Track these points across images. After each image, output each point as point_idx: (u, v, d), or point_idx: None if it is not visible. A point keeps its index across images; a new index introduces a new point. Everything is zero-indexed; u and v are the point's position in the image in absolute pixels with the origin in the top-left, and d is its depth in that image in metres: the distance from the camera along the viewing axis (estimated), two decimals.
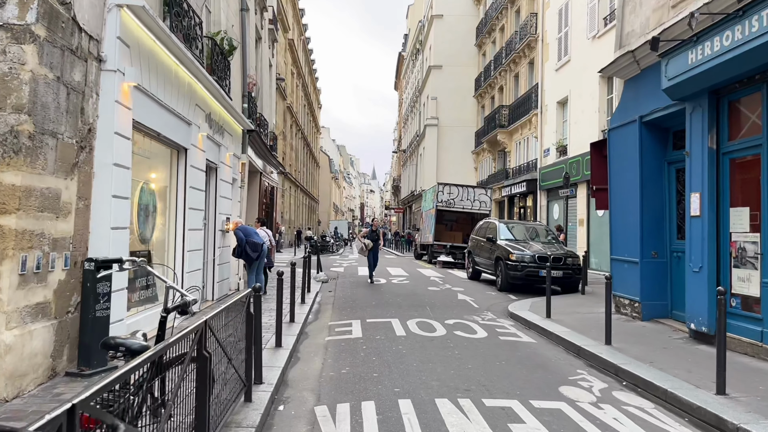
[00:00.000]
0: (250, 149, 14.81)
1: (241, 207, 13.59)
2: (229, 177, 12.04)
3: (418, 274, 19.08)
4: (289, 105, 42.35)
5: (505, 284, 14.23)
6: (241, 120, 12.71)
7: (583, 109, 21.06)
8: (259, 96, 17.35)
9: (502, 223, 16.44)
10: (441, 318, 10.09)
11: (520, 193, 27.49)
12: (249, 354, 5.13)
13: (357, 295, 13.31)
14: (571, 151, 21.97)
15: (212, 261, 11.22)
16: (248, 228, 12.09)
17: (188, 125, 9.10)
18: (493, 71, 33.70)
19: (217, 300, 11.24)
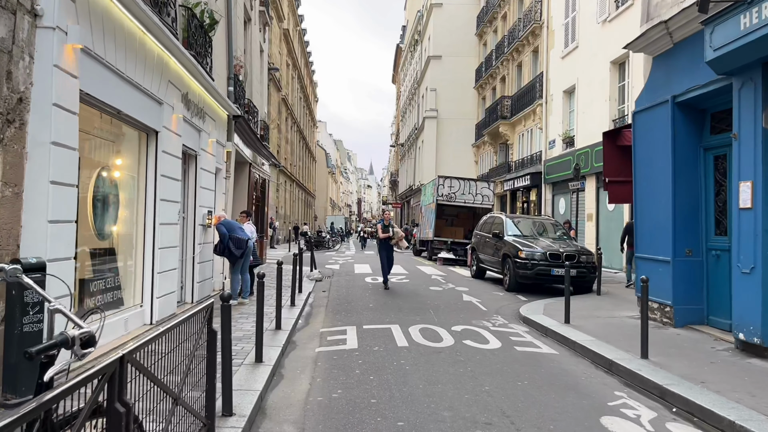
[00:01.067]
0: (238, 138, 13.65)
1: (227, 199, 12.45)
2: (211, 166, 10.89)
3: (419, 272, 17.97)
4: (284, 97, 41.14)
5: (514, 284, 13.13)
6: (225, 104, 11.56)
7: (592, 98, 19.94)
8: (248, 81, 16.18)
9: (509, 217, 15.32)
10: (447, 324, 8.98)
11: (524, 186, 26.40)
12: (212, 383, 4.00)
13: (353, 296, 12.19)
14: (579, 143, 20.86)
15: (191, 259, 10.08)
16: (232, 222, 10.94)
17: (159, 104, 7.95)
18: (494, 61, 32.54)
19: (197, 302, 10.10)
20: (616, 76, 18.65)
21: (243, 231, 10.64)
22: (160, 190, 7.99)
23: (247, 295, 10.69)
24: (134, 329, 7.43)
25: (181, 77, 8.81)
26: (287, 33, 41.66)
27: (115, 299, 7.24)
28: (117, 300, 7.31)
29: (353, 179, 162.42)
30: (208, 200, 10.77)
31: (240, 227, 10.77)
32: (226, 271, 12.49)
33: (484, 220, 16.71)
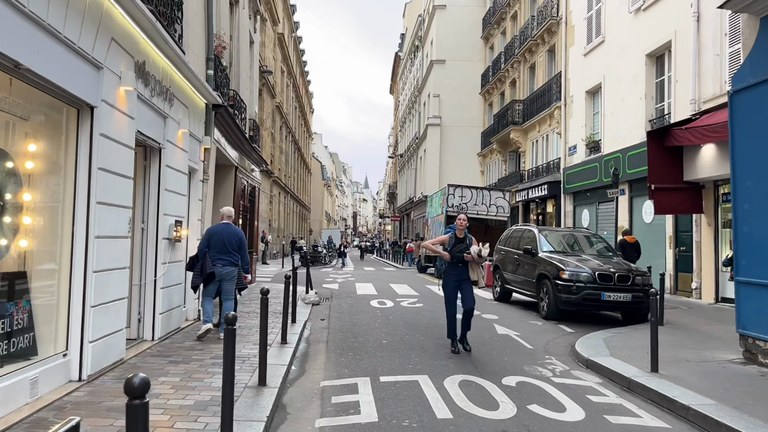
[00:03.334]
0: (219, 134, 11.37)
1: (204, 207, 10.13)
2: (181, 164, 8.58)
3: (431, 294, 15.62)
4: (279, 104, 39.04)
5: (554, 311, 10.81)
6: (202, 89, 9.28)
7: (622, 97, 17.78)
8: (234, 72, 13.93)
9: (543, 230, 13.00)
10: (493, 373, 6.65)
11: (539, 197, 24.16)
12: None
13: (360, 327, 9.85)
14: (607, 147, 18.66)
15: (152, 283, 7.73)
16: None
17: (96, 69, 5.66)
18: (503, 64, 30.47)
19: (160, 339, 7.74)
20: (653, 70, 16.50)
21: None
22: (98, 189, 5.67)
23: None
24: (51, 391, 5.07)
25: (133, 39, 6.52)
26: (282, 38, 39.69)
27: (20, 348, 4.88)
28: (25, 348, 4.96)
29: (348, 192, 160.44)
30: (177, 207, 8.44)
31: None
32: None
33: (509, 234, 14.39)
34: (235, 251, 7.99)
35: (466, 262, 7.84)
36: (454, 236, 7.96)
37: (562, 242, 12.69)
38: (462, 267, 7.87)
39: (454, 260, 7.82)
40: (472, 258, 7.72)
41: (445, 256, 7.86)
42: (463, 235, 7.94)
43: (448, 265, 7.88)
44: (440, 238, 8.13)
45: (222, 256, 7.89)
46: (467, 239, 7.94)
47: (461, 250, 7.81)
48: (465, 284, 7.88)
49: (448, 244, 7.92)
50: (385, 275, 23.94)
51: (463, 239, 7.91)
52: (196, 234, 9.72)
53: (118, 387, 5.39)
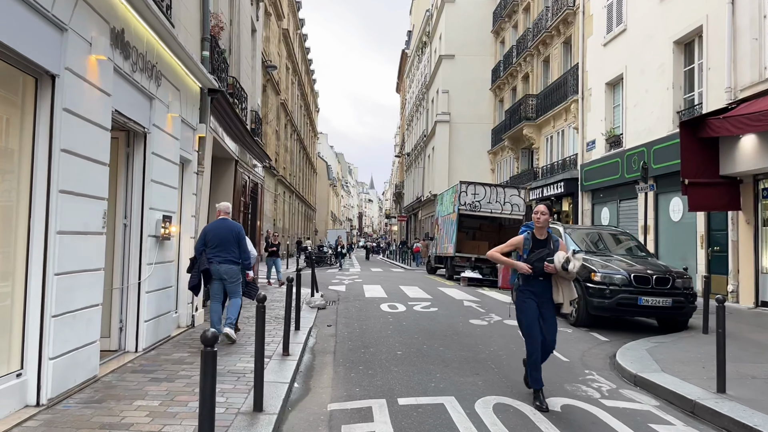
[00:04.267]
0: (216, 123, 10.43)
1: (199, 202, 9.17)
2: (171, 152, 7.63)
3: (444, 297, 14.63)
4: (284, 101, 38.15)
5: (585, 317, 9.80)
6: (195, 70, 8.33)
7: (647, 88, 16.73)
8: (235, 59, 12.99)
9: (569, 228, 11.96)
10: (529, 392, 5.66)
11: (554, 195, 23.11)
12: None
13: (370, 335, 8.87)
14: (629, 142, 17.62)
15: (135, 287, 6.77)
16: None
17: (59, 31, 4.71)
18: (515, 58, 29.44)
19: (145, 350, 6.79)
20: (681, 58, 15.46)
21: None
22: (61, 175, 4.72)
23: (229, 323, 7.53)
24: (0, 419, 4.12)
25: (108, 1, 5.56)
26: (287, 34, 38.81)
27: None
28: None
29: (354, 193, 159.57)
30: (166, 200, 7.48)
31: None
32: (198, 300, 9.22)
33: None
34: (234, 247, 7.46)
35: (548, 275, 5.43)
36: (532, 237, 5.52)
37: (590, 241, 11.67)
38: (543, 281, 5.47)
39: (534, 271, 5.39)
40: (556, 270, 5.32)
41: (522, 269, 5.41)
42: (545, 235, 5.54)
43: (523, 279, 5.50)
44: (512, 241, 5.66)
45: (219, 253, 7.39)
46: (551, 241, 5.53)
47: (542, 257, 5.37)
48: (545, 307, 5.49)
49: (523, 249, 5.54)
50: (394, 276, 22.97)
51: (544, 241, 5.50)
52: (189, 231, 8.78)
53: (84, 414, 4.46)
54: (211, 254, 7.38)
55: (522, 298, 5.54)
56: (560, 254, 5.37)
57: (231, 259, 7.43)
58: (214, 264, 7.36)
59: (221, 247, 7.38)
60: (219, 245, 7.38)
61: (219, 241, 7.38)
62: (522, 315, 5.53)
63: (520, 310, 5.56)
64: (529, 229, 5.63)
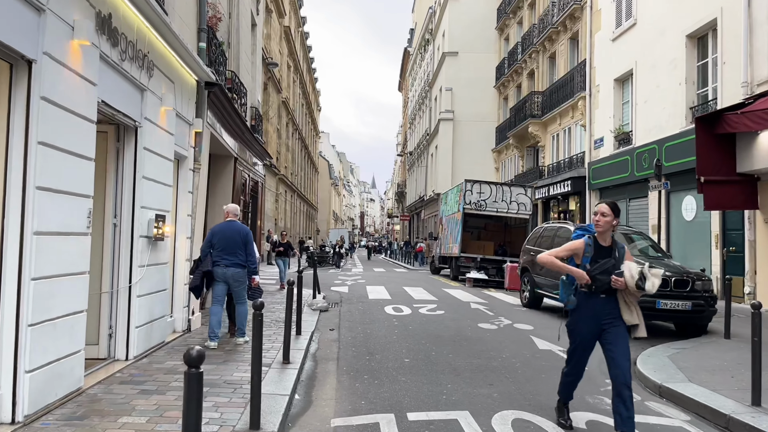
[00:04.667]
0: (214, 118, 10.00)
1: (195, 201, 8.75)
2: (165, 148, 7.21)
3: (450, 299, 14.19)
4: (285, 99, 37.79)
5: None
6: (192, 62, 7.91)
7: (658, 83, 16.28)
8: (233, 53, 12.57)
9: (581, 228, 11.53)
10: (550, 405, 5.23)
11: (561, 194, 22.67)
12: None
13: (375, 340, 8.44)
14: (639, 139, 17.17)
15: (126, 291, 6.35)
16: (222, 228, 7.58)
17: (35, 11, 4.29)
18: (520, 54, 28.97)
19: (136, 358, 6.37)
20: (694, 53, 15.00)
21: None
22: (39, 170, 4.30)
23: (241, 333, 7.53)
24: None
25: None
26: (288, 31, 38.42)
27: None
28: None
29: (356, 192, 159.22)
30: (159, 199, 7.06)
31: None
32: (195, 304, 8.82)
33: (539, 233, 12.93)
34: (241, 251, 7.31)
35: (613, 290, 4.32)
36: (594, 243, 4.42)
37: None
38: (605, 299, 4.35)
39: (596, 286, 4.32)
40: (625, 285, 4.21)
41: (581, 277, 4.34)
42: (609, 241, 4.44)
43: (582, 294, 4.41)
44: (570, 246, 4.54)
45: (226, 256, 7.22)
46: (616, 249, 4.42)
47: (608, 269, 4.28)
48: (613, 330, 4.35)
49: (582, 257, 4.41)
50: (397, 277, 22.54)
51: (608, 249, 4.40)
52: (185, 231, 8.36)
53: None
54: (217, 257, 7.20)
55: (576, 318, 4.48)
56: (632, 266, 4.22)
57: (238, 262, 7.26)
58: (220, 267, 7.17)
59: (228, 249, 7.21)
60: (226, 248, 7.20)
61: (226, 244, 7.20)
62: (574, 335, 4.54)
63: (572, 332, 4.55)
64: (588, 233, 4.55)
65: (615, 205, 4.46)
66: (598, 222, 4.42)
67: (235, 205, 7.85)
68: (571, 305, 4.48)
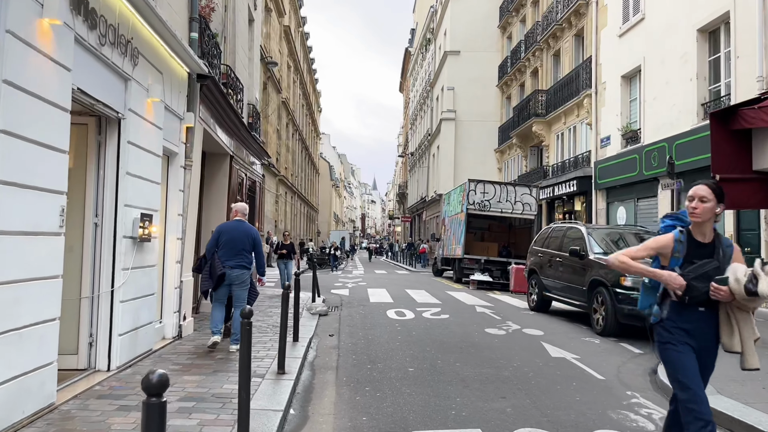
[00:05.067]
0: (208, 114, 9.53)
1: (187, 199, 8.27)
2: (153, 143, 6.73)
3: (454, 302, 13.71)
4: (285, 100, 37.33)
5: (613, 325, 8.88)
6: (182, 52, 7.44)
7: (667, 80, 15.80)
8: (229, 47, 12.11)
9: (591, 228, 11.02)
10: (570, 423, 4.74)
11: (566, 194, 22.18)
12: None
13: (377, 346, 7.96)
14: (648, 137, 16.68)
15: (108, 296, 5.88)
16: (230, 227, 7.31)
17: None
18: (523, 53, 28.51)
19: (120, 368, 5.90)
20: (706, 47, 14.52)
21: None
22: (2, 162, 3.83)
23: (235, 339, 6.96)
24: None
25: None
26: (288, 31, 38.00)
27: None
28: None
29: (357, 194, 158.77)
30: (145, 197, 6.59)
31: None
32: (187, 308, 8.35)
33: (547, 234, 12.44)
34: (248, 252, 7.10)
35: (714, 303, 3.28)
36: (688, 238, 3.34)
37: (613, 241, 10.75)
38: (704, 313, 3.30)
39: (690, 296, 3.26)
40: (730, 295, 3.17)
41: (673, 282, 3.26)
42: (711, 236, 3.35)
43: (672, 306, 3.34)
44: (652, 243, 3.42)
45: (231, 258, 6.98)
46: (721, 246, 3.34)
47: (708, 272, 3.24)
48: (706, 355, 3.40)
49: (671, 258, 3.35)
50: (399, 279, 22.06)
51: (709, 246, 3.33)
52: (176, 232, 7.89)
53: None
54: (223, 257, 6.95)
55: (668, 338, 3.32)
56: (739, 268, 3.18)
57: (243, 264, 7.04)
58: (225, 268, 6.95)
59: (234, 250, 6.98)
60: (232, 248, 6.97)
61: (232, 245, 6.97)
62: (674, 369, 3.30)
63: (670, 362, 3.32)
64: (681, 223, 3.42)
65: (718, 186, 3.29)
66: (695, 210, 3.26)
67: (244, 204, 7.51)
68: (654, 318, 3.41)
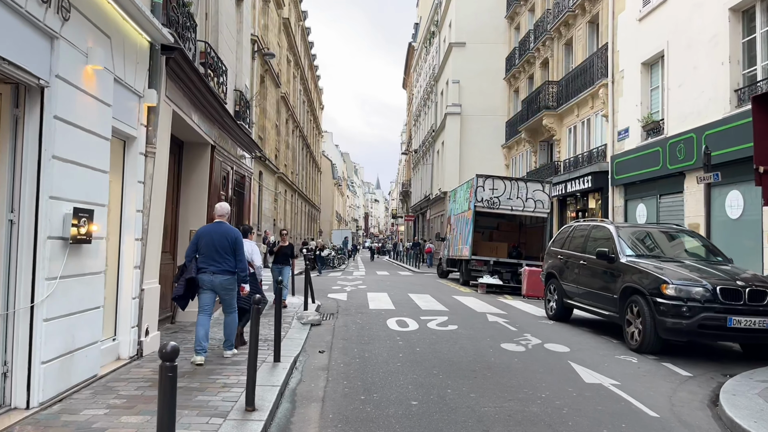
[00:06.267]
0: (182, 96, 8.23)
1: (149, 193, 6.97)
2: (93, 120, 5.43)
3: (463, 309, 12.38)
4: (285, 95, 36.06)
5: (653, 341, 7.54)
6: (139, 16, 6.14)
7: (695, 64, 14.43)
8: (210, 24, 10.82)
9: (621, 228, 9.64)
10: None
11: (579, 191, 20.81)
12: None
13: (374, 368, 6.65)
14: (673, 128, 15.30)
15: (27, 313, 4.59)
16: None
17: None
18: (532, 43, 27.14)
19: (44, 405, 4.61)
20: (739, 29, 13.14)
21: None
22: None
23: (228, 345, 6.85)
24: None
25: None
26: (288, 23, 36.72)
27: None
28: None
29: (360, 193, 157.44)
30: (83, 188, 5.29)
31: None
32: (152, 321, 7.08)
33: (568, 233, 11.09)
34: (229, 255, 6.59)
35: None
36: None
37: (645, 242, 9.41)
38: None
39: None
40: None
41: None
42: None
43: None
44: None
45: (212, 262, 6.51)
46: None
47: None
48: None
49: None
50: (401, 282, 20.74)
51: None
52: (134, 231, 6.61)
53: None
54: (203, 262, 6.52)
55: None
56: None
57: (227, 269, 6.58)
58: (206, 274, 6.48)
59: (216, 254, 6.52)
60: (212, 253, 6.51)
61: (212, 249, 6.52)
62: None
63: None
64: None
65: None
66: None
67: (225, 205, 6.98)
68: None
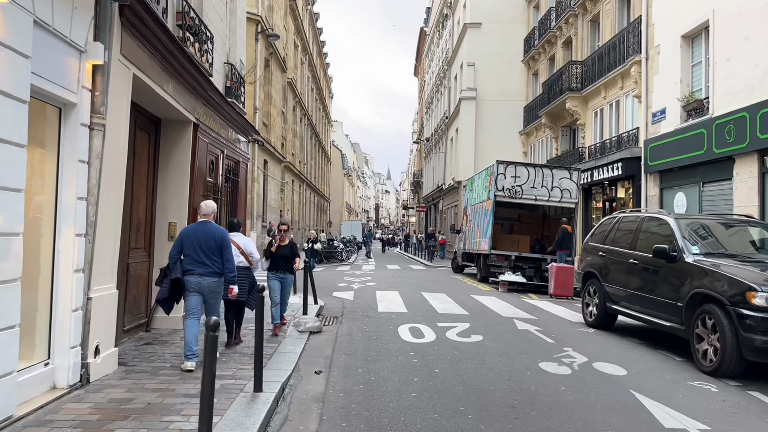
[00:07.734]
0: (146, 58, 6.72)
1: (97, 176, 5.48)
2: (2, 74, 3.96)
3: (486, 312, 10.84)
4: (291, 81, 34.52)
5: (735, 362, 5.98)
6: None
7: (747, 35, 12.69)
8: None
9: (681, 219, 8.00)
10: None
11: (607, 179, 19.13)
12: None
13: (381, 397, 5.15)
14: (720, 107, 13.58)
15: None
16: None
17: None
18: (554, 21, 25.35)
19: None
20: None
21: None
22: None
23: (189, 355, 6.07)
24: None
25: None
26: (294, 7, 35.12)
27: None
28: None
29: (371, 184, 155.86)
30: None
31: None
32: (105, 337, 5.65)
33: (612, 225, 9.46)
34: (216, 256, 6.29)
35: None
36: None
37: (712, 237, 7.80)
38: None
39: None
40: None
41: None
42: None
43: None
44: None
45: (199, 264, 6.21)
46: None
47: None
48: None
49: None
50: (414, 278, 19.23)
51: None
52: (74, 225, 5.14)
53: None
54: (189, 264, 6.21)
55: None
56: None
57: (215, 270, 6.29)
58: (194, 276, 6.17)
59: (202, 256, 6.23)
60: (197, 254, 6.22)
61: (197, 249, 6.22)
62: None
63: None
64: None
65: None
66: None
67: (211, 203, 6.61)
68: None
